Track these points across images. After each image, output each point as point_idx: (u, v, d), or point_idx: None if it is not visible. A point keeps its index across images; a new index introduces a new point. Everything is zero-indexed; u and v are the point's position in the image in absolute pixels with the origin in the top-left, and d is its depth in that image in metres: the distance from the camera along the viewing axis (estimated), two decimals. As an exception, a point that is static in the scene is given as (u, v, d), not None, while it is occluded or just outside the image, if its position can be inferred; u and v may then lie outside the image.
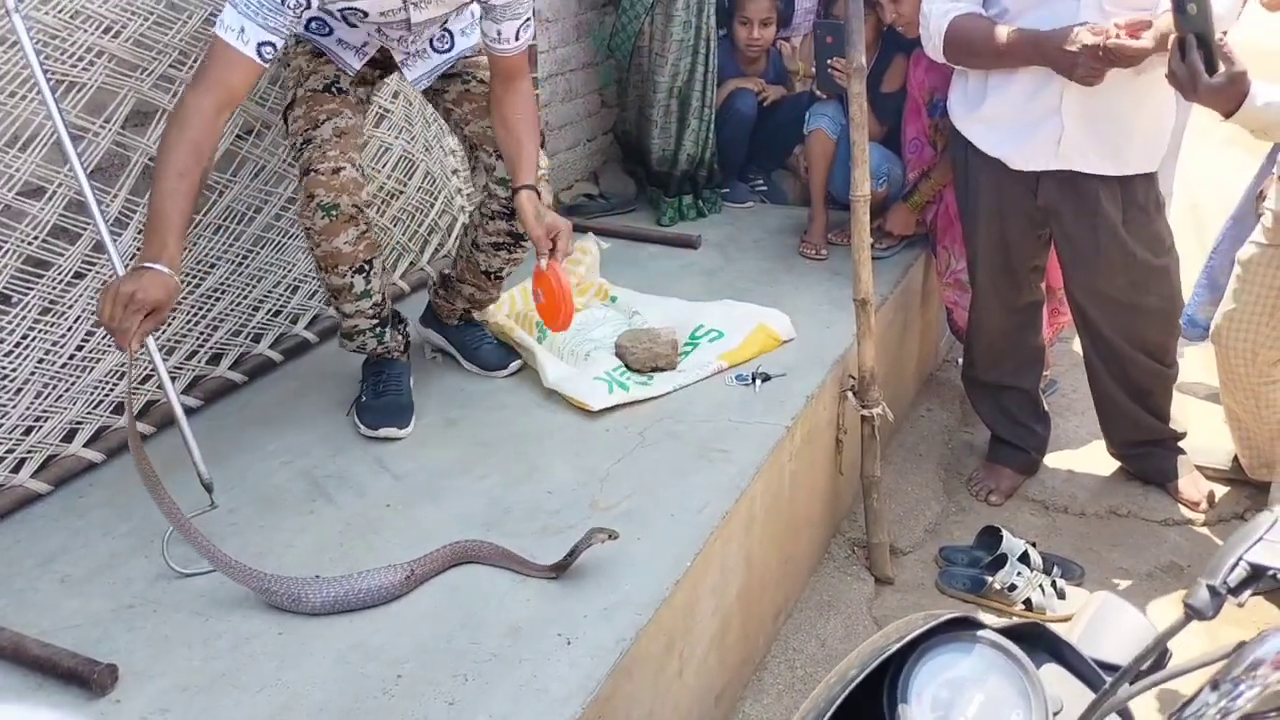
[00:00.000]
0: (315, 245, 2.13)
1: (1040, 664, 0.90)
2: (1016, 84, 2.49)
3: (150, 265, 1.70)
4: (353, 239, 2.12)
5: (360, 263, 2.16)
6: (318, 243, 2.11)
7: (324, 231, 2.09)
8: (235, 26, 1.85)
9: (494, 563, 1.84)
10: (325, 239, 2.10)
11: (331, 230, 2.09)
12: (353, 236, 2.12)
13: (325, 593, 1.72)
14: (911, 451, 3.16)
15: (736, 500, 2.05)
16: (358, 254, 2.14)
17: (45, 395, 2.05)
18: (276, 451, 2.21)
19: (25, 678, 1.59)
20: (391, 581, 1.76)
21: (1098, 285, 2.67)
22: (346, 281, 2.17)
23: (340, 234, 2.10)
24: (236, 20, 1.85)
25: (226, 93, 1.85)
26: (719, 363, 2.54)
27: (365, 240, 2.15)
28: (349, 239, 2.12)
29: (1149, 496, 2.91)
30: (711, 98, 3.56)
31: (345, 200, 2.08)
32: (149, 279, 1.68)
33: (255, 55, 1.86)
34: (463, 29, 2.30)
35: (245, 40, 1.85)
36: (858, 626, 2.43)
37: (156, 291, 1.68)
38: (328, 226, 2.08)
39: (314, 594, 1.72)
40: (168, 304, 1.69)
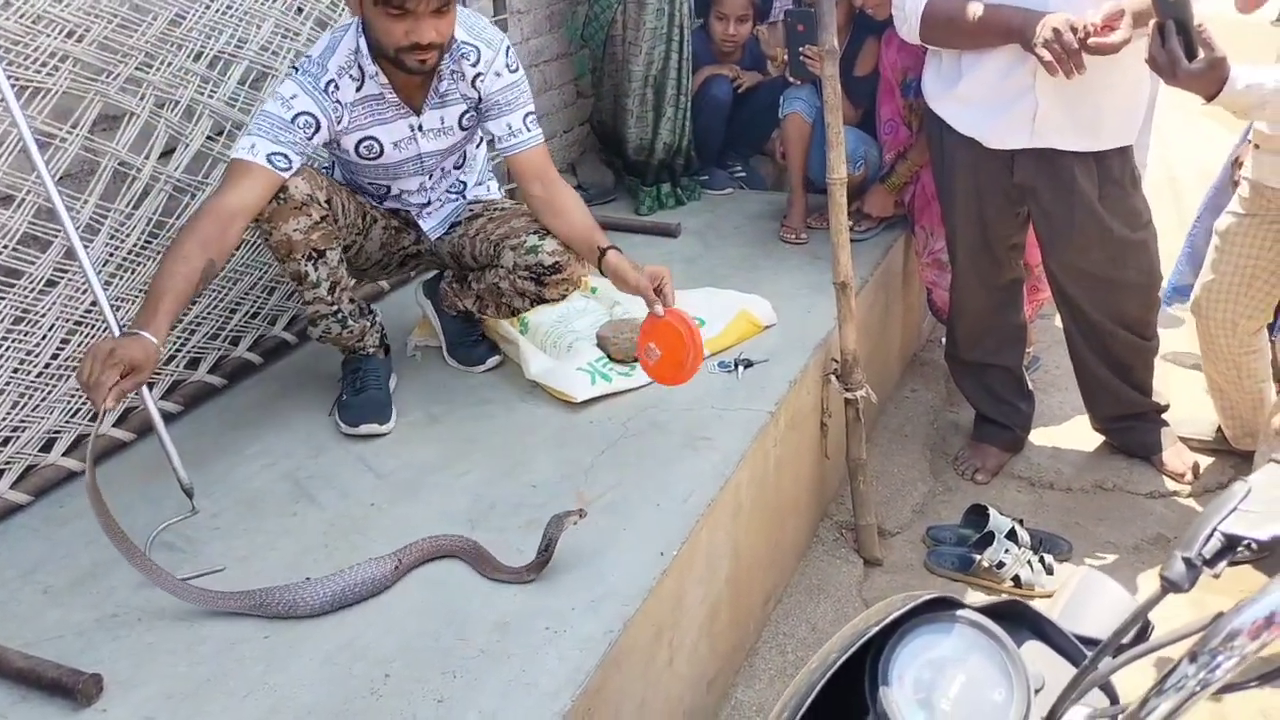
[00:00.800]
0: (267, 235, 2.12)
1: (1022, 641, 0.90)
2: (990, 62, 2.48)
3: (136, 331, 1.74)
4: (304, 228, 2.11)
5: (312, 250, 2.15)
6: (268, 231, 2.11)
7: (271, 217, 2.08)
8: (246, 145, 2.02)
9: (470, 563, 1.83)
10: (273, 225, 2.09)
11: (279, 215, 2.08)
12: (304, 225, 2.11)
13: (319, 593, 1.72)
14: (897, 433, 3.16)
15: (722, 488, 2.04)
16: (310, 241, 2.13)
17: (21, 405, 2.03)
18: (258, 454, 2.20)
19: (9, 690, 1.58)
20: (382, 573, 1.77)
21: (1076, 261, 2.67)
22: (301, 269, 2.16)
23: (289, 220, 2.09)
24: (247, 140, 2.03)
25: (239, 199, 1.97)
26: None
27: (319, 231, 2.14)
28: (299, 227, 2.11)
29: (1134, 470, 2.92)
30: (687, 85, 3.55)
31: (297, 186, 2.08)
32: (130, 341, 1.71)
33: (266, 163, 2.01)
34: (476, 181, 2.48)
35: (255, 153, 2.01)
36: (848, 609, 2.43)
37: (136, 352, 1.69)
38: (275, 211, 2.07)
39: (308, 597, 1.71)
40: (146, 367, 1.70)
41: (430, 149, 2.29)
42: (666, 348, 2.06)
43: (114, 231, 2.17)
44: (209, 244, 1.89)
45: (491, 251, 2.34)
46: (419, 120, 2.22)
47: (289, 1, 2.52)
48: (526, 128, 2.25)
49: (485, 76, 2.19)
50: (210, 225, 1.92)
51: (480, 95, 2.22)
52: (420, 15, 1.97)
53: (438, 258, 2.52)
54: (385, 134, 2.22)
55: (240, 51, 2.41)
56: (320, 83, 2.08)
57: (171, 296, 1.80)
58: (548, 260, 2.27)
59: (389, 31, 2.00)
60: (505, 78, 2.21)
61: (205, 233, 1.90)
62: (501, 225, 2.35)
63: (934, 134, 2.77)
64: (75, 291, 2.08)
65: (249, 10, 2.41)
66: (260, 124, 2.04)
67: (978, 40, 2.44)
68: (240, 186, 1.99)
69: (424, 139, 2.26)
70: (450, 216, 2.47)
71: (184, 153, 2.31)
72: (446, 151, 2.34)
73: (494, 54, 2.18)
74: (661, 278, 2.09)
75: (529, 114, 2.26)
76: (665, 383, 2.13)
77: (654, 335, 2.08)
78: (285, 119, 2.05)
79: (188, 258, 1.85)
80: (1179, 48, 1.91)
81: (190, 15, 2.28)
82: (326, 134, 2.12)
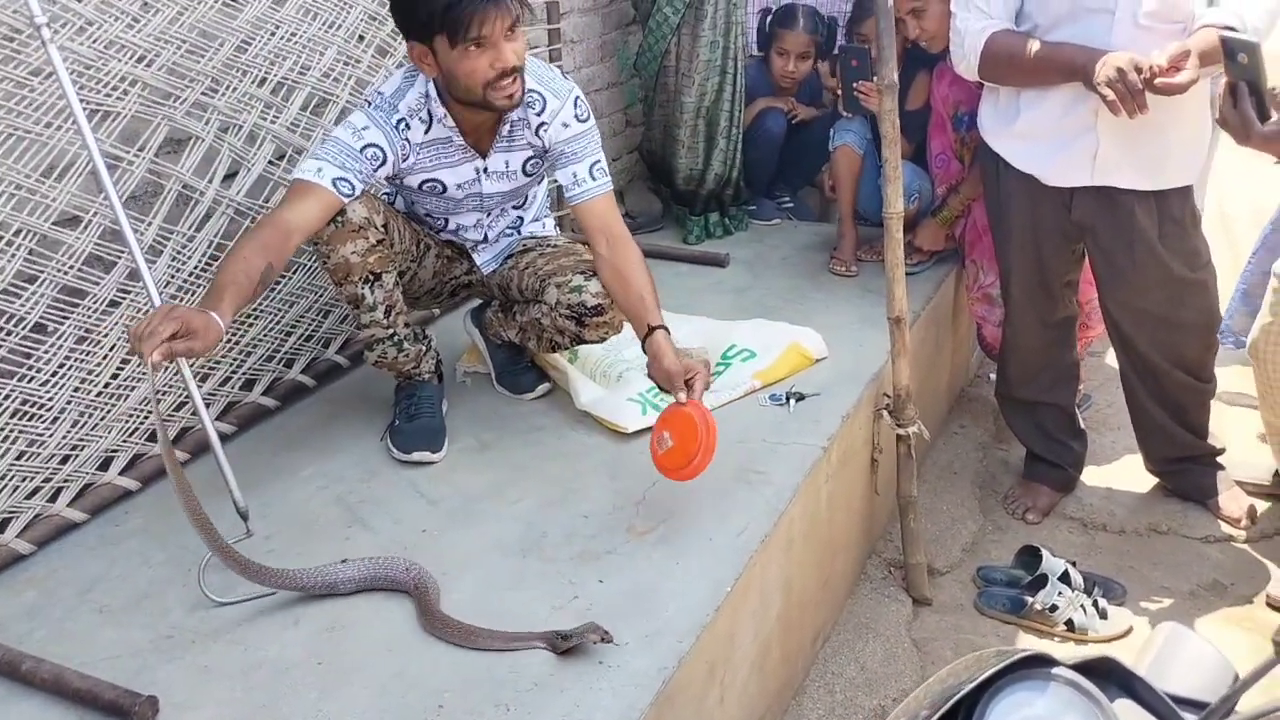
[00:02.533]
0: (324, 258, 2.13)
1: (1113, 699, 0.87)
2: (1051, 99, 2.46)
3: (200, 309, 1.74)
4: (361, 250, 2.12)
5: (369, 273, 2.16)
6: (326, 254, 2.12)
7: (330, 240, 2.09)
8: (312, 168, 2.05)
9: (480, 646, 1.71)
10: (331, 248, 2.10)
11: (337, 238, 2.09)
12: (361, 248, 2.12)
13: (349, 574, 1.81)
14: (946, 470, 3.13)
15: (775, 523, 2.03)
16: (368, 265, 2.14)
17: (81, 424, 2.05)
18: (311, 477, 2.21)
19: (66, 710, 1.59)
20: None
21: (1134, 301, 2.64)
22: (358, 292, 2.17)
23: (347, 243, 2.10)
24: (314, 163, 2.05)
25: (299, 216, 1.99)
26: (752, 382, 2.52)
27: (376, 254, 2.15)
28: (357, 250, 2.12)
29: (1189, 513, 2.87)
30: (739, 117, 3.55)
31: (355, 210, 2.09)
32: (193, 310, 1.71)
33: (330, 186, 2.03)
34: (533, 217, 2.49)
35: (321, 175, 2.04)
36: (897, 649, 2.40)
37: (197, 319, 1.68)
38: (333, 234, 2.09)
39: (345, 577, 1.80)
40: (203, 337, 1.68)
41: (493, 190, 2.31)
42: (679, 439, 1.95)
43: (176, 253, 2.20)
44: (269, 249, 1.90)
45: (537, 286, 2.35)
46: (484, 163, 2.25)
47: (351, 29, 2.55)
48: (591, 177, 2.23)
49: (550, 126, 2.20)
50: (270, 234, 1.94)
51: (545, 144, 2.23)
52: (498, 41, 1.98)
53: (487, 288, 2.53)
54: (450, 176, 2.24)
55: (303, 78, 2.44)
56: (392, 119, 2.11)
57: (234, 289, 1.81)
58: (590, 301, 2.27)
59: (475, 70, 2.00)
60: (573, 128, 2.21)
61: (265, 239, 1.92)
62: (551, 262, 2.36)
63: (989, 170, 2.75)
64: (137, 312, 2.10)
65: (312, 38, 2.44)
66: (328, 149, 2.06)
67: (1038, 78, 2.42)
68: (301, 205, 2.01)
69: (488, 181, 2.28)
70: (504, 251, 2.48)
71: (246, 176, 2.33)
72: (509, 194, 2.36)
73: (560, 104, 2.19)
74: (696, 371, 2.01)
75: (596, 163, 2.24)
76: (669, 475, 1.97)
77: (670, 424, 1.99)
78: (355, 148, 2.07)
79: (248, 259, 1.86)
80: (1251, 109, 1.89)
81: (255, 42, 2.31)
82: (391, 169, 2.14)
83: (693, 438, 1.92)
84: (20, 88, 1.87)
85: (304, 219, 2.00)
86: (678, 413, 1.98)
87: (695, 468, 1.92)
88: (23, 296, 1.91)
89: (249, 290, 1.85)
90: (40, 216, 1.93)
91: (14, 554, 1.93)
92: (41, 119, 1.91)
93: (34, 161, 1.90)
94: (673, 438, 1.96)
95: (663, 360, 2.05)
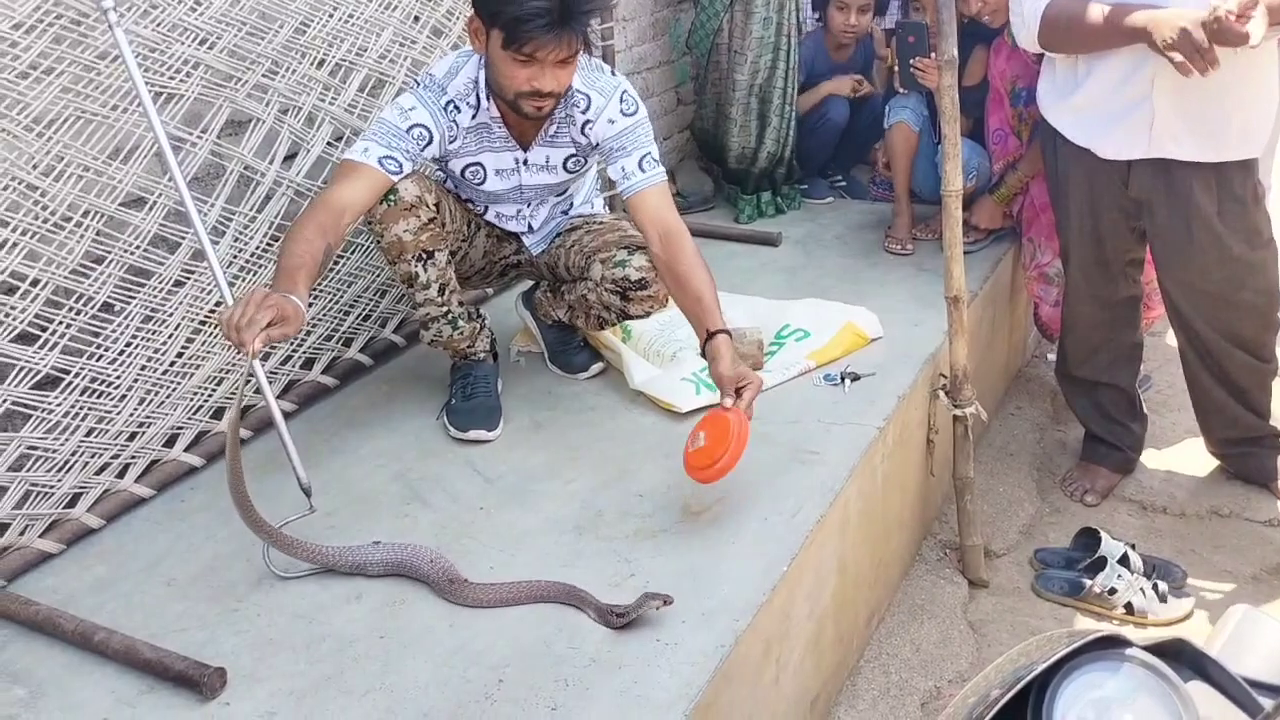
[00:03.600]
0: (378, 237, 2.15)
1: (1186, 681, 0.86)
2: (1108, 69, 2.41)
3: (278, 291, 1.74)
4: (413, 229, 2.14)
5: (421, 251, 2.17)
6: (380, 233, 2.14)
7: (383, 219, 2.11)
8: (359, 148, 2.07)
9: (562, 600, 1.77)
10: (384, 227, 2.12)
11: (390, 216, 2.11)
12: (413, 226, 2.14)
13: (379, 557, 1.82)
14: (1002, 451, 3.09)
15: (831, 503, 2.02)
16: (420, 243, 2.16)
17: (147, 401, 2.09)
18: (370, 455, 2.24)
19: (137, 680, 1.63)
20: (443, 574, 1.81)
21: (1192, 280, 2.58)
22: (412, 270, 2.19)
23: (399, 221, 2.12)
24: (361, 144, 2.08)
25: (348, 194, 2.01)
26: (807, 362, 2.51)
27: (428, 231, 2.17)
28: (409, 228, 2.13)
29: (1251, 496, 2.82)
30: (793, 95, 3.52)
31: (406, 189, 2.11)
32: (282, 296, 1.71)
33: (377, 165, 2.06)
34: (583, 200, 2.50)
35: (367, 155, 2.06)
36: (952, 631, 2.39)
37: (288, 305, 1.69)
38: (386, 213, 2.11)
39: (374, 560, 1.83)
40: (294, 322, 1.70)
41: (532, 183, 2.32)
42: (710, 440, 1.94)
43: (238, 234, 2.23)
44: (326, 230, 1.92)
45: (583, 263, 2.36)
46: (525, 155, 2.26)
47: (406, 10, 2.56)
48: (641, 169, 2.20)
49: (595, 124, 2.20)
50: (324, 215, 1.95)
51: (592, 141, 2.22)
52: (545, 64, 1.99)
53: (535, 268, 2.54)
54: (492, 160, 2.25)
55: (360, 59, 2.45)
56: (440, 101, 2.12)
57: (305, 271, 1.82)
58: (634, 275, 2.27)
59: (513, 76, 2.02)
60: (619, 123, 2.20)
61: (320, 220, 1.93)
62: (596, 239, 2.37)
63: (1047, 145, 2.71)
64: (201, 292, 2.14)
65: (370, 19, 2.46)
66: (375, 130, 2.08)
67: (1100, 42, 2.36)
68: (349, 184, 2.02)
69: (527, 173, 2.29)
70: (552, 231, 2.49)
71: (305, 158, 2.36)
72: (548, 188, 2.36)
73: (605, 101, 2.18)
74: (749, 382, 1.98)
75: (645, 156, 2.21)
76: (690, 472, 1.96)
77: (708, 425, 1.97)
78: (401, 128, 2.08)
79: (310, 239, 1.88)
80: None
81: (314, 24, 2.33)
82: (437, 149, 2.15)
83: (722, 442, 1.91)
84: (88, 71, 1.91)
85: (353, 198, 2.02)
86: (718, 415, 1.97)
87: (717, 470, 1.90)
88: (91, 276, 1.95)
89: (316, 271, 1.86)
90: (107, 198, 1.97)
91: (84, 528, 1.98)
92: (108, 102, 1.94)
93: (101, 144, 1.94)
94: (706, 438, 1.95)
95: (719, 365, 2.02)
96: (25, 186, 1.84)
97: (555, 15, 1.92)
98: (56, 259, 1.89)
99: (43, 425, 1.91)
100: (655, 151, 2.24)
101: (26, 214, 1.84)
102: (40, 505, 1.93)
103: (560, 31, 1.94)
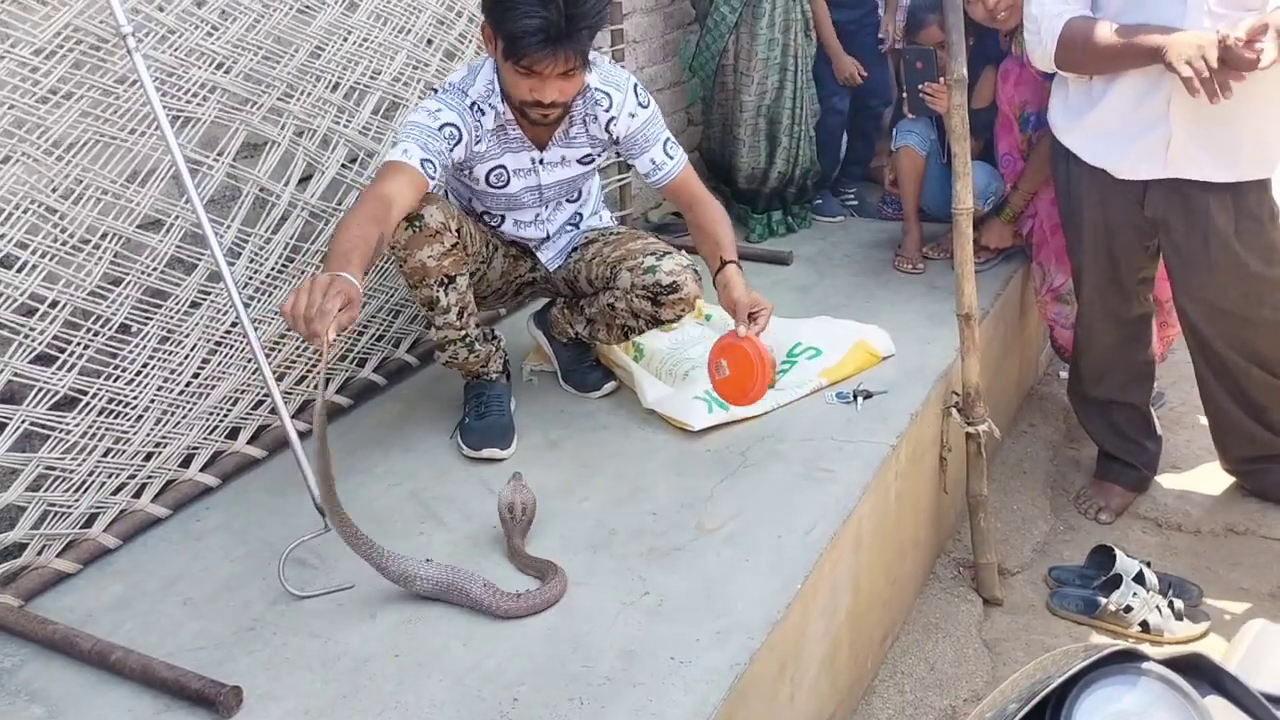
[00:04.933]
0: (401, 261, 2.17)
1: (1204, 696, 0.86)
2: (1123, 90, 2.42)
3: (336, 274, 1.69)
4: (437, 254, 2.16)
5: (444, 276, 2.19)
6: (403, 258, 2.16)
7: (407, 245, 2.13)
8: (400, 150, 2.06)
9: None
10: (409, 253, 2.14)
11: (415, 243, 2.13)
12: (437, 252, 2.16)
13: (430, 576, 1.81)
14: (1015, 469, 3.08)
15: (844, 521, 2.02)
16: (443, 268, 2.18)
17: (164, 422, 2.10)
18: (385, 474, 2.24)
19: (154, 699, 1.64)
20: (495, 603, 1.79)
21: (1209, 298, 2.58)
22: (434, 295, 2.21)
23: (424, 246, 2.14)
24: (400, 146, 2.07)
25: (395, 189, 2.00)
26: (819, 380, 2.51)
27: (451, 257, 2.18)
28: (433, 254, 2.15)
29: (1267, 513, 2.80)
30: (801, 115, 3.53)
31: (432, 215, 2.12)
32: (344, 279, 1.67)
33: (418, 165, 2.05)
34: (591, 211, 2.53)
35: (409, 156, 2.05)
36: (967, 649, 2.38)
37: (351, 289, 1.66)
38: (411, 239, 2.12)
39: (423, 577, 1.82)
40: (357, 303, 1.68)
41: (550, 180, 2.34)
42: (735, 370, 2.11)
43: (254, 255, 2.25)
44: (378, 219, 1.90)
45: (608, 274, 2.37)
46: (541, 155, 2.28)
47: (420, 34, 2.59)
48: (669, 155, 2.31)
49: (618, 120, 2.24)
50: (374, 206, 1.93)
51: (616, 137, 2.27)
52: (546, 77, 2.02)
53: (552, 285, 2.56)
54: (512, 161, 2.27)
55: (374, 83, 2.48)
56: (464, 103, 2.15)
57: (359, 253, 1.77)
58: (665, 279, 2.28)
59: (515, 85, 2.07)
60: (640, 115, 2.26)
61: (371, 211, 1.91)
62: (618, 249, 2.38)
63: (1059, 167, 2.71)
64: (217, 313, 2.16)
65: (383, 43, 2.48)
66: (410, 132, 2.09)
67: (1116, 62, 2.37)
68: (396, 180, 2.01)
69: (544, 172, 2.31)
70: (567, 247, 2.50)
71: (320, 180, 2.38)
72: (564, 184, 2.38)
73: (623, 95, 2.23)
74: (760, 305, 2.12)
75: (667, 142, 2.31)
76: (728, 400, 2.18)
77: (728, 354, 2.12)
78: (433, 127, 2.10)
79: (362, 224, 1.85)
80: None
81: (329, 48, 2.36)
82: (464, 150, 2.16)
83: (749, 372, 2.07)
84: (106, 95, 1.94)
85: (400, 192, 2.00)
86: (735, 346, 2.08)
87: (754, 396, 2.09)
88: (109, 298, 1.97)
89: (370, 254, 1.81)
90: (125, 220, 1.99)
91: (101, 548, 1.99)
92: (126, 125, 1.97)
93: (119, 167, 1.97)
94: (730, 368, 2.09)
95: (732, 290, 2.16)
96: (45, 209, 1.86)
97: (552, 32, 1.94)
98: (75, 281, 1.91)
99: (60, 445, 1.92)
100: (671, 135, 2.33)
101: (45, 236, 1.86)
102: (58, 525, 1.94)
103: (557, 48, 1.96)
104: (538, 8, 1.92)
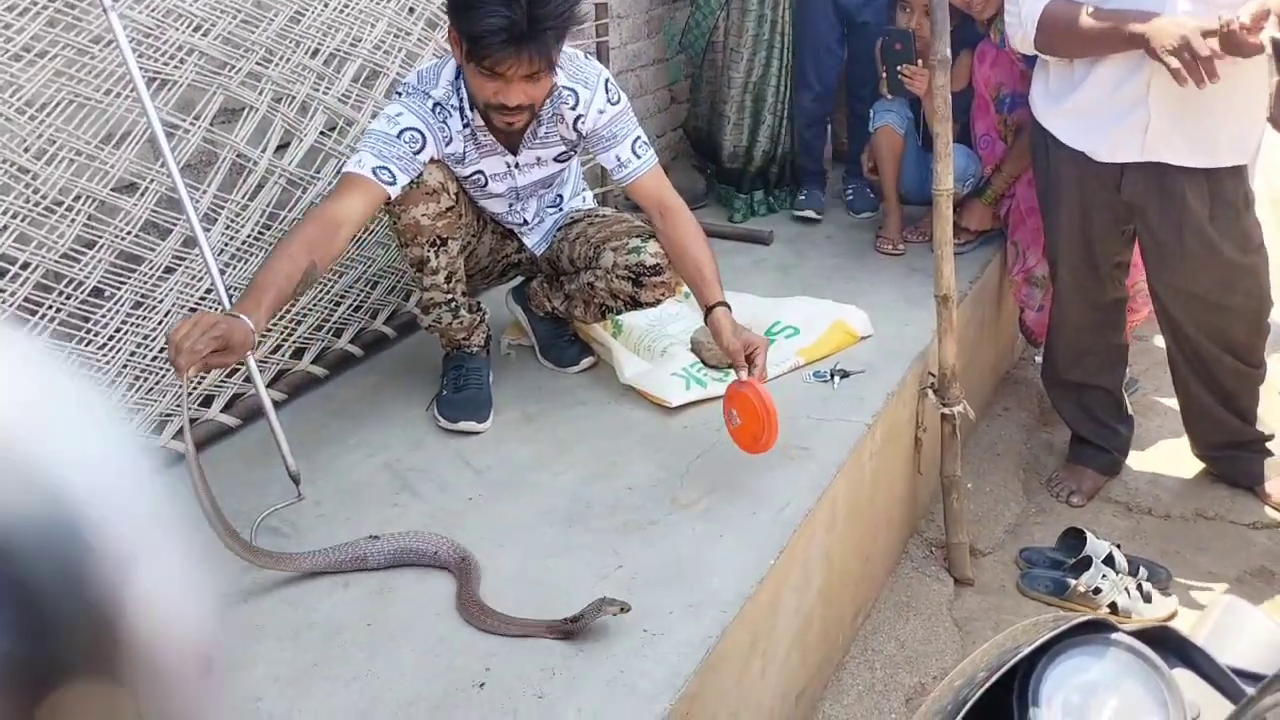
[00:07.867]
0: (395, 218, 2.16)
1: (1171, 668, 0.87)
2: (1103, 73, 2.42)
3: (238, 315, 1.73)
4: (432, 213, 2.15)
5: (436, 237, 2.18)
6: (397, 214, 2.15)
7: (403, 200, 2.12)
8: (355, 160, 2.05)
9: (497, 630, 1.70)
10: (403, 209, 2.13)
11: (411, 199, 2.12)
12: (432, 210, 2.15)
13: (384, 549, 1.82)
14: (989, 451, 3.11)
15: (819, 498, 2.03)
16: (436, 229, 2.17)
17: (136, 388, 2.08)
18: (359, 445, 2.23)
19: (123, 664, 1.62)
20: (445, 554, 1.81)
21: (1183, 284, 2.60)
22: (424, 254, 2.20)
23: (419, 204, 2.13)
24: (356, 156, 2.06)
25: (344, 209, 1.98)
26: (796, 359, 2.52)
27: (445, 219, 2.18)
28: (428, 212, 2.14)
29: (1235, 499, 2.83)
30: (785, 94, 3.52)
31: (431, 173, 2.11)
32: (235, 321, 1.70)
33: (370, 175, 2.03)
34: (573, 193, 2.49)
35: (361, 166, 2.03)
36: (938, 628, 2.40)
37: (237, 333, 1.68)
38: (407, 195, 2.11)
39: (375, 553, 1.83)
40: (237, 352, 1.69)
41: (526, 182, 2.33)
42: (745, 418, 2.02)
43: (230, 221, 2.22)
44: (314, 247, 1.89)
45: (591, 253, 2.35)
46: (515, 159, 2.26)
47: (401, 2, 2.56)
48: (636, 154, 2.23)
49: (585, 117, 2.20)
50: (316, 230, 1.93)
51: (583, 134, 2.23)
52: (510, 79, 1.98)
53: (537, 266, 2.54)
54: (488, 167, 2.26)
55: (354, 50, 2.45)
56: (426, 105, 2.11)
57: (274, 292, 1.80)
58: (649, 261, 2.27)
59: (480, 87, 2.03)
60: (608, 112, 2.20)
61: (311, 236, 1.91)
62: (603, 230, 2.36)
63: (1039, 149, 2.72)
64: (191, 279, 2.14)
65: (364, 9, 2.45)
66: (368, 141, 2.07)
67: (1097, 46, 2.37)
68: (347, 197, 2.01)
69: (521, 174, 2.30)
70: (551, 228, 2.49)
71: (298, 147, 2.36)
72: (539, 182, 2.37)
73: (591, 93, 2.18)
74: (755, 346, 2.04)
75: (637, 140, 2.23)
76: (743, 449, 2.05)
77: (735, 403, 2.03)
78: (391, 134, 2.07)
79: (293, 257, 1.86)
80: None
81: (309, 13, 2.32)
82: (434, 151, 2.13)
83: (755, 419, 1.98)
84: (81, 55, 1.90)
85: (351, 211, 1.99)
86: (739, 394, 2.02)
87: (764, 445, 1.99)
88: (82, 261, 1.95)
89: (289, 293, 1.85)
90: (99, 182, 1.96)
91: (71, 513, 1.97)
92: (101, 86, 1.94)
93: (94, 128, 1.94)
94: (740, 416, 2.02)
95: (722, 338, 2.07)
96: (17, 169, 1.83)
97: (514, 31, 1.89)
98: (47, 243, 1.88)
99: (31, 409, 1.90)
100: (644, 135, 2.26)
101: (18, 197, 1.83)
102: (27, 490, 1.91)
103: (520, 48, 1.91)
104: (500, 7, 1.88)
